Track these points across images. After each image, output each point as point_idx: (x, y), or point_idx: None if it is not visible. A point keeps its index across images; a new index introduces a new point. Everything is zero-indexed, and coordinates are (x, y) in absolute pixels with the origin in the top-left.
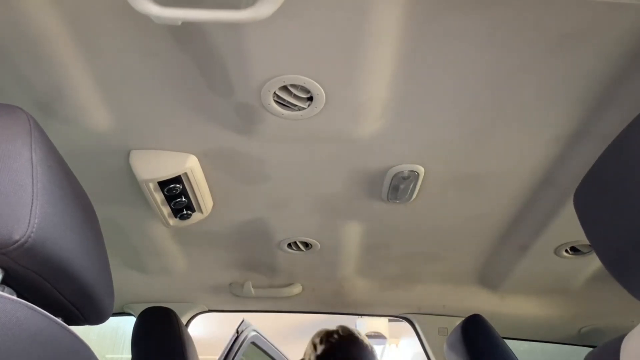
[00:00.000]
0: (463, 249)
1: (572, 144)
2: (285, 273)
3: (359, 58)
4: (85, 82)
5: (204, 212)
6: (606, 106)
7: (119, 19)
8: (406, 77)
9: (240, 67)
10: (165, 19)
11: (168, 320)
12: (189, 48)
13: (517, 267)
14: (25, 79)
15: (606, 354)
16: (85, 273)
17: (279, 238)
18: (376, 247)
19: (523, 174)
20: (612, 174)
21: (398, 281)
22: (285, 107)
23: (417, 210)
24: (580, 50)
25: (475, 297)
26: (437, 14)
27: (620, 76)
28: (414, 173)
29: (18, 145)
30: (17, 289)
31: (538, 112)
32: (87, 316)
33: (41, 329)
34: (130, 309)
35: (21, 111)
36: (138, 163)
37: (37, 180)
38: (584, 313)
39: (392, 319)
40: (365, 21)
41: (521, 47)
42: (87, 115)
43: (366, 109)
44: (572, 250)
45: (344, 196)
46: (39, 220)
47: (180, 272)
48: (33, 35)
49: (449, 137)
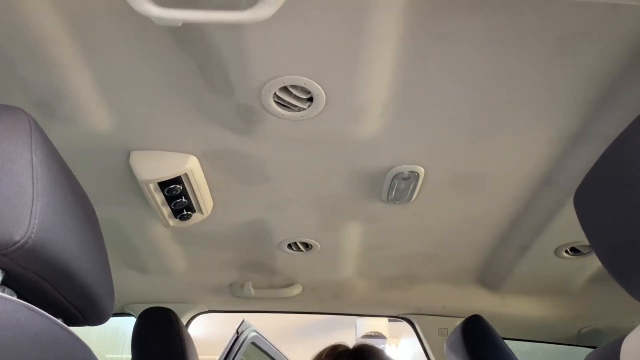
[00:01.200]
0: (463, 249)
1: (572, 145)
2: (286, 274)
3: (359, 59)
4: (86, 83)
5: (204, 213)
6: (606, 107)
7: (119, 20)
8: (406, 78)
9: (241, 68)
10: (166, 20)
11: (168, 321)
12: (189, 49)
13: (517, 267)
14: (25, 80)
15: (606, 355)
16: (85, 274)
17: (279, 239)
18: (376, 248)
19: (523, 174)
20: (612, 174)
21: (398, 281)
22: (285, 108)
23: (417, 211)
24: (580, 51)
25: (476, 297)
26: (437, 15)
27: (621, 77)
28: (414, 174)
29: (18, 146)
30: (17, 290)
31: (538, 113)
32: (88, 317)
33: (41, 329)
34: (130, 309)
35: (21, 112)
36: (138, 163)
37: (38, 181)
38: (584, 314)
39: (392, 319)
40: (365, 22)
41: (521, 48)
42: (87, 115)
43: (366, 109)
44: (572, 250)
45: (344, 197)
46: (39, 222)
47: (181, 272)
48: (33, 35)
49: (449, 138)
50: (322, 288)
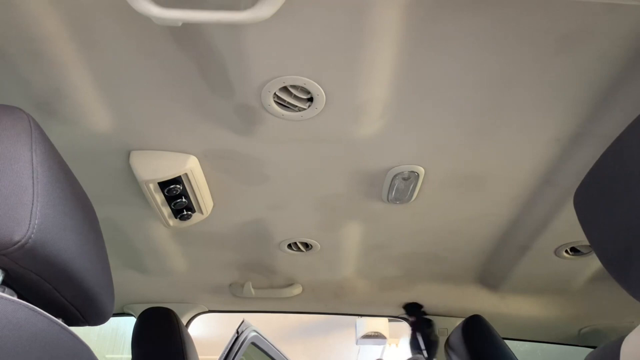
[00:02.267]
0: (463, 249)
1: (572, 145)
2: (286, 273)
3: (359, 59)
4: (86, 83)
5: (204, 213)
6: (606, 107)
7: (119, 20)
8: (406, 78)
9: (241, 68)
10: (166, 20)
11: (168, 321)
12: (189, 49)
13: (517, 267)
14: (25, 80)
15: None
16: (85, 274)
17: (279, 239)
18: (376, 248)
19: (523, 174)
20: (612, 174)
21: (398, 281)
22: (285, 108)
23: (417, 211)
24: (580, 51)
25: (476, 297)
26: (436, 15)
27: (620, 77)
28: (414, 174)
29: (18, 147)
30: (17, 290)
31: (538, 113)
32: (88, 317)
33: (42, 329)
34: (130, 309)
35: (21, 112)
36: (138, 164)
37: (38, 181)
38: (583, 313)
39: (392, 319)
40: (365, 22)
41: (521, 48)
42: (87, 115)
43: (366, 109)
44: (572, 250)
45: (344, 197)
46: (39, 222)
47: (181, 272)
48: (33, 35)
49: (449, 138)
50: (322, 288)
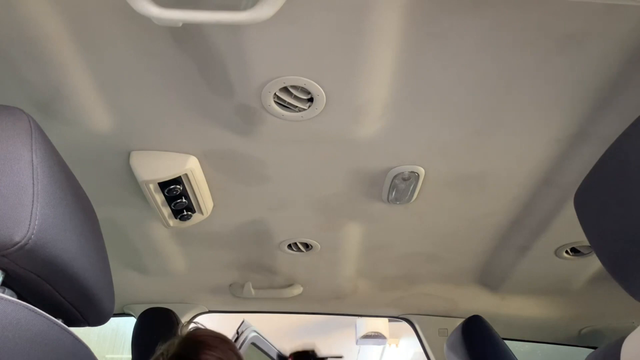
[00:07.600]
0: (463, 249)
1: (572, 145)
2: (286, 274)
3: (359, 59)
4: (86, 83)
5: (205, 213)
6: (606, 107)
7: (119, 20)
8: (406, 78)
9: (241, 68)
10: (166, 21)
11: (168, 321)
12: (189, 49)
13: (518, 268)
14: (25, 80)
15: (606, 356)
16: (85, 274)
17: (279, 239)
18: (376, 248)
19: (523, 174)
20: (612, 175)
21: (398, 282)
22: (285, 109)
23: (417, 211)
24: (580, 51)
25: (476, 297)
26: (436, 15)
27: (621, 78)
28: (415, 174)
29: (18, 147)
30: (17, 290)
31: (538, 113)
32: (88, 317)
33: (42, 330)
34: (130, 309)
35: (21, 112)
36: (138, 164)
37: (38, 181)
38: (584, 314)
39: (392, 319)
40: (365, 22)
41: (521, 48)
42: (87, 116)
43: (366, 110)
44: (572, 251)
45: (345, 197)
46: (39, 222)
47: (181, 273)
48: (33, 36)
49: (449, 138)
50: (322, 288)
